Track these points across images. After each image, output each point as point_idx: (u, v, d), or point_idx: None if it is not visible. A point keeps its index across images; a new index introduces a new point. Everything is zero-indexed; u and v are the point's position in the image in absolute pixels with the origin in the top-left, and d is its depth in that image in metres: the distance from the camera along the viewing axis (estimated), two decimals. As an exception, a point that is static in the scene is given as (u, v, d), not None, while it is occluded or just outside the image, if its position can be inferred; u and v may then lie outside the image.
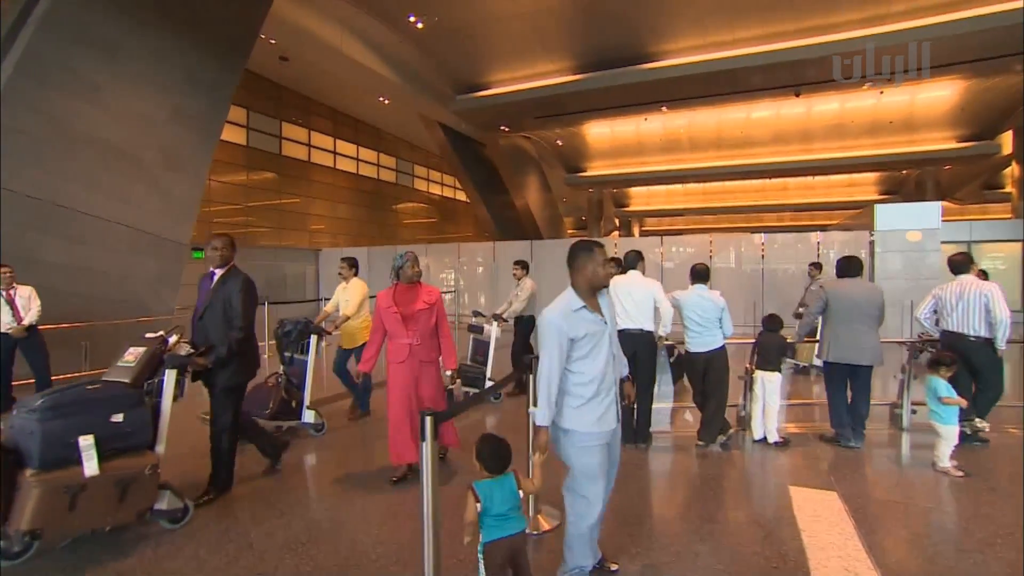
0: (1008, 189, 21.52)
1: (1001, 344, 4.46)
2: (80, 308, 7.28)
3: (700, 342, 4.64)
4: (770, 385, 4.68)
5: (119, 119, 7.75)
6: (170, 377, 3.15)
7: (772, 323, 4.99)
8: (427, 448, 1.97)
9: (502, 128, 19.05)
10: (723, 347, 4.67)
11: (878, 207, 11.66)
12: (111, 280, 7.97)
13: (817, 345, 5.47)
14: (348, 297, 5.49)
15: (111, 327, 7.65)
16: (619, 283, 4.65)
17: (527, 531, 2.44)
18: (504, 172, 22.12)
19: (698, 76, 13.91)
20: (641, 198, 33.55)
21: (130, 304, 8.22)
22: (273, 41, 13.80)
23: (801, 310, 7.91)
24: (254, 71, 15.52)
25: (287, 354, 5.07)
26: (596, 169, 24.76)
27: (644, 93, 14.93)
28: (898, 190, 26.57)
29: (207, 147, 9.25)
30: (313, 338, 4.95)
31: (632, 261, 4.80)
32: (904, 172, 24.54)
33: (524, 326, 6.50)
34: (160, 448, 3.08)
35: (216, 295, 3.49)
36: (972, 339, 4.52)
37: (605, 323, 2.46)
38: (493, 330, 6.16)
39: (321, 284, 17.89)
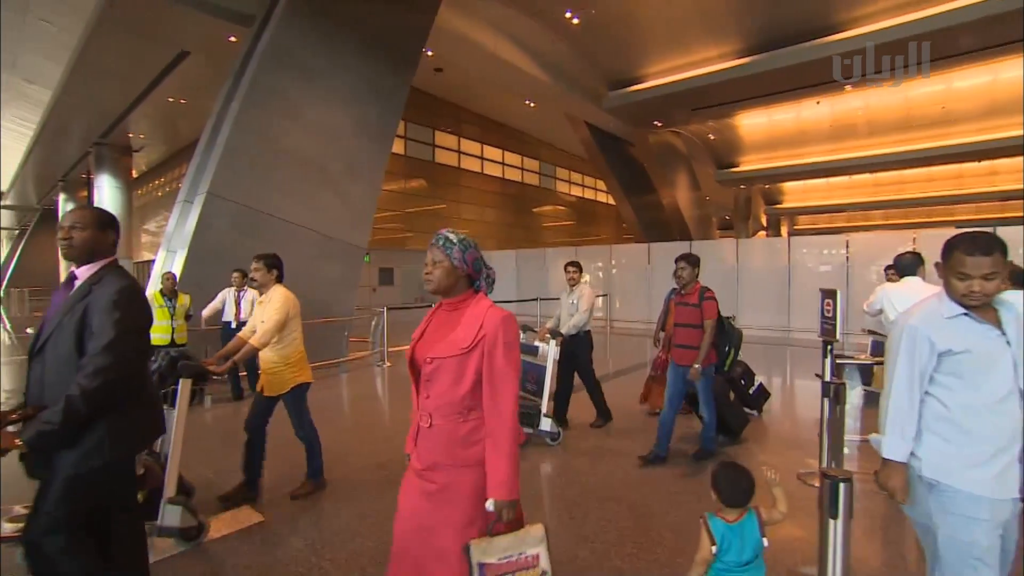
0: None
1: None
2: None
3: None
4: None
5: (313, 133, 8.40)
6: None
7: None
8: (837, 528, 1.43)
9: (655, 123, 18.15)
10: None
11: None
12: (301, 282, 8.52)
13: None
14: (266, 316, 3.41)
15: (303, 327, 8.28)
16: (891, 293, 3.86)
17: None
18: (652, 170, 21.16)
19: (894, 44, 11.84)
20: (796, 194, 30.46)
21: (316, 305, 8.82)
22: (430, 53, 14.40)
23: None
24: (411, 85, 16.43)
25: None
26: (750, 164, 22.84)
27: (827, 71, 13.10)
28: None
29: (382, 154, 9.75)
30: (182, 383, 2.86)
31: (910, 265, 3.86)
32: None
33: (581, 344, 5.19)
34: None
35: (71, 313, 1.89)
36: None
37: (1004, 339, 1.76)
38: (551, 351, 4.84)
39: (469, 286, 18.44)
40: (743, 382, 5.38)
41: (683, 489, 3.72)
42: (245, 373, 6.39)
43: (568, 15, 12.63)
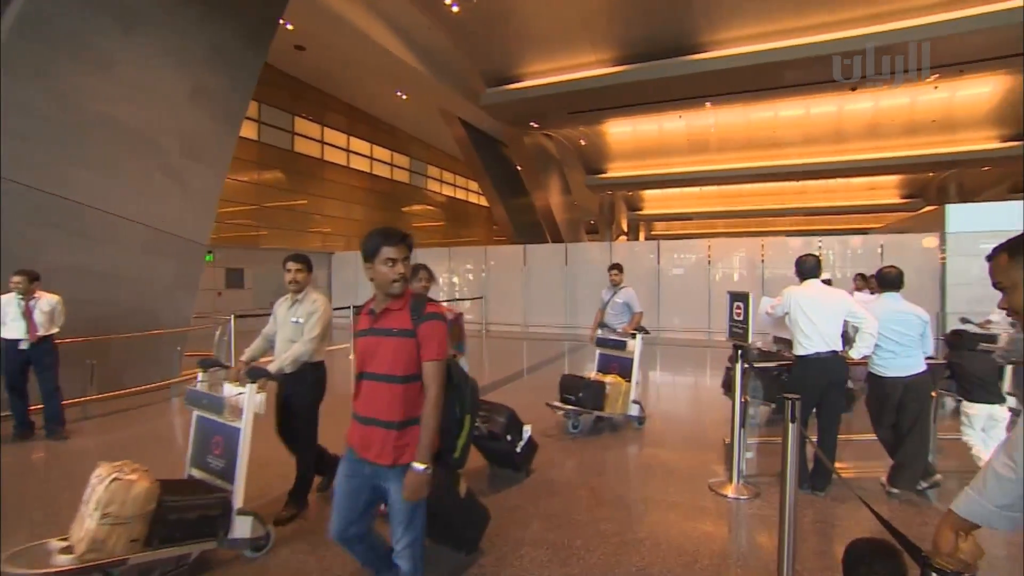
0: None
1: None
2: (87, 319, 6.15)
3: (897, 365, 3.73)
4: (993, 422, 3.71)
5: (135, 97, 6.63)
6: None
7: (966, 341, 4.01)
8: None
9: (531, 124, 18.07)
10: (927, 371, 3.74)
11: (950, 207, 10.90)
12: (123, 285, 6.83)
13: None
14: None
15: (123, 342, 6.54)
16: (798, 295, 3.86)
17: None
18: (526, 173, 21.20)
19: (754, 68, 12.93)
20: (655, 201, 32.82)
21: (143, 313, 7.10)
22: (291, 27, 12.76)
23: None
24: (268, 61, 14.47)
25: None
26: (617, 171, 23.99)
27: (691, 86, 13.97)
28: (920, 194, 26.03)
29: (230, 134, 8.16)
30: None
31: (812, 268, 3.94)
32: (931, 175, 23.93)
33: (306, 384, 3.28)
34: None
35: None
36: None
37: None
38: (248, 403, 2.74)
39: (334, 290, 16.77)
40: (508, 438, 3.87)
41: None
42: (43, 405, 5.11)
43: (448, 2, 11.90)
